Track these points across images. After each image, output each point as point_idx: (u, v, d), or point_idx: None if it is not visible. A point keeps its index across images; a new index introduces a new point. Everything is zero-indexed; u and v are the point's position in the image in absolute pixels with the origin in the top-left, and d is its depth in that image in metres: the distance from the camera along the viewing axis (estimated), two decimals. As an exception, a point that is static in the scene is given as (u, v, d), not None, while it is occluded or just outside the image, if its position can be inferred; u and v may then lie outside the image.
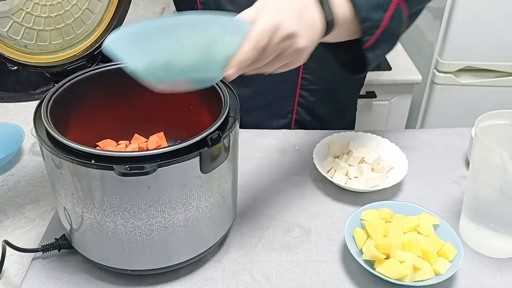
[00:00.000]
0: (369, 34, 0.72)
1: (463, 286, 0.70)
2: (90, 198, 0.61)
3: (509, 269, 0.73)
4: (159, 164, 0.57)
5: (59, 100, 0.68)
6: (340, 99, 1.11)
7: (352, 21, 0.70)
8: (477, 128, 0.72)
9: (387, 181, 0.85)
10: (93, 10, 0.77)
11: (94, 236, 0.65)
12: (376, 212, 0.75)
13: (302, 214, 0.81)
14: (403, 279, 0.66)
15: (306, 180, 0.88)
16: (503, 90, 1.71)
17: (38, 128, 0.63)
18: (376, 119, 1.76)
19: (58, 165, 0.60)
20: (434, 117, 1.79)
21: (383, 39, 0.74)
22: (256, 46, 0.57)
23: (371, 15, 0.71)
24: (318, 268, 0.72)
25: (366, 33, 0.71)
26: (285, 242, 0.76)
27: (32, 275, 0.70)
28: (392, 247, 0.68)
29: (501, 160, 0.67)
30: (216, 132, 0.61)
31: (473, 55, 1.65)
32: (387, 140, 0.92)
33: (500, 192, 0.69)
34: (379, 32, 0.72)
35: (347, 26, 0.70)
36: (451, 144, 0.98)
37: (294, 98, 1.04)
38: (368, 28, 0.71)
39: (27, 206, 0.84)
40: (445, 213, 0.81)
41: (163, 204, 0.61)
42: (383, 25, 0.72)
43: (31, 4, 0.69)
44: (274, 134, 1.00)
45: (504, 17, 1.58)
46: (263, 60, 0.59)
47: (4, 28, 0.68)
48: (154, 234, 0.63)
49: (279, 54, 0.60)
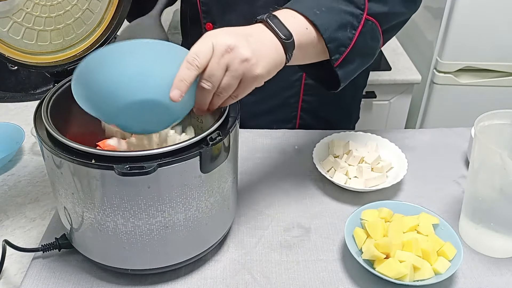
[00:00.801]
0: (337, 53, 0.72)
1: (462, 285, 0.70)
2: (90, 197, 0.61)
3: (508, 269, 0.73)
4: (159, 164, 0.57)
5: (59, 100, 0.69)
6: (345, 100, 1.11)
7: (318, 41, 0.70)
8: (477, 128, 0.72)
9: (387, 180, 0.85)
10: (93, 10, 0.77)
11: (94, 235, 0.65)
12: (375, 211, 0.75)
13: (302, 214, 0.81)
14: (403, 278, 0.66)
15: (306, 180, 0.89)
16: (503, 90, 1.71)
17: (38, 128, 0.63)
18: (376, 119, 1.76)
19: (58, 165, 0.60)
20: (433, 117, 1.79)
21: (354, 55, 0.74)
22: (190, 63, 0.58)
23: (338, 35, 0.71)
24: (318, 268, 0.72)
25: (334, 52, 0.71)
26: (285, 242, 0.76)
27: (32, 274, 0.70)
28: (392, 247, 0.69)
29: (500, 160, 0.67)
30: (216, 132, 0.61)
31: (473, 55, 1.65)
32: (387, 140, 0.92)
33: (500, 192, 0.70)
34: (347, 50, 0.72)
35: (314, 46, 0.70)
36: (451, 144, 0.98)
37: (297, 104, 1.05)
38: (335, 48, 0.71)
39: (28, 205, 0.84)
40: (445, 212, 0.82)
41: (163, 204, 0.61)
42: (351, 43, 0.72)
43: (32, 4, 0.69)
44: (274, 134, 1.00)
45: (504, 17, 1.58)
46: (213, 78, 0.59)
47: (4, 28, 0.68)
48: (154, 234, 0.63)
49: (227, 69, 0.60)
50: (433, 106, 1.77)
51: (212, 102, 0.63)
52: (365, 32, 0.74)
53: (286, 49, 0.65)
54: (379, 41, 0.78)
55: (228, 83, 0.61)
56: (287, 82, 1.02)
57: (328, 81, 0.78)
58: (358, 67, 0.77)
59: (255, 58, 0.61)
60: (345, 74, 0.74)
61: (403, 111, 1.77)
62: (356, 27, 0.73)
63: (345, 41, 0.72)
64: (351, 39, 0.72)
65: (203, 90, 0.60)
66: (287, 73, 1.01)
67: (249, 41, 0.61)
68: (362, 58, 0.76)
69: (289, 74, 1.00)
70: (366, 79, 1.17)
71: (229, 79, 0.60)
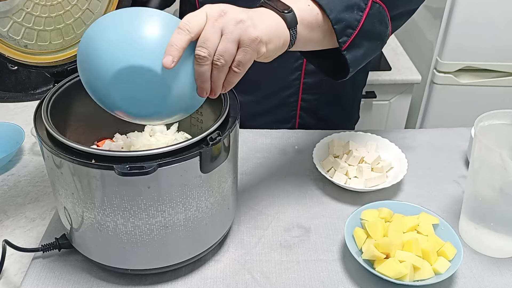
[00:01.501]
0: (344, 35, 0.70)
1: (462, 285, 0.70)
2: (90, 197, 0.61)
3: (508, 269, 0.73)
4: (159, 164, 0.57)
5: (59, 100, 0.69)
6: (344, 99, 1.11)
7: (324, 23, 0.69)
8: (477, 128, 0.72)
9: (387, 180, 0.85)
10: (93, 10, 0.77)
11: (94, 235, 0.65)
12: (375, 211, 0.75)
13: (302, 214, 0.81)
14: (403, 278, 0.66)
15: (306, 180, 0.89)
16: (503, 90, 1.71)
17: (38, 128, 0.63)
18: (376, 119, 1.76)
19: (59, 165, 0.60)
20: (433, 117, 1.79)
21: (362, 39, 0.72)
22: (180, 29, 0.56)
23: (344, 16, 0.69)
24: (318, 268, 0.72)
25: (341, 34, 0.70)
26: (285, 242, 0.76)
27: (32, 274, 0.70)
28: (392, 247, 0.69)
29: (500, 160, 0.67)
30: (216, 132, 0.61)
31: (473, 55, 1.65)
32: (386, 140, 0.92)
33: (500, 191, 0.70)
34: (355, 32, 0.71)
35: (318, 28, 0.69)
36: (451, 144, 0.98)
37: (296, 103, 1.04)
38: (342, 29, 0.70)
39: (27, 205, 0.84)
40: (445, 212, 0.82)
41: (163, 204, 0.61)
42: (359, 25, 0.71)
43: (31, 4, 0.69)
44: (274, 134, 1.00)
45: (504, 17, 1.58)
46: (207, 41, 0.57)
47: (4, 28, 0.68)
48: (154, 234, 0.63)
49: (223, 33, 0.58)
50: (433, 106, 1.77)
51: (213, 77, 0.59)
52: (372, 15, 0.72)
53: (287, 22, 0.63)
54: (387, 26, 0.76)
55: (224, 47, 0.58)
56: (286, 81, 1.02)
57: (336, 70, 0.77)
58: (367, 52, 0.75)
59: (250, 20, 0.59)
60: (354, 58, 0.73)
61: (403, 111, 1.77)
62: (363, 8, 0.71)
63: (352, 22, 0.70)
64: (358, 20, 0.71)
65: (200, 59, 0.57)
66: (286, 72, 1.01)
67: (244, 10, 0.60)
68: (370, 42, 0.75)
69: (288, 73, 1.00)
70: (366, 78, 1.17)
71: (225, 42, 0.58)
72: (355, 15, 0.71)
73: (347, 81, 0.78)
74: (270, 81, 1.02)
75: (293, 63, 0.99)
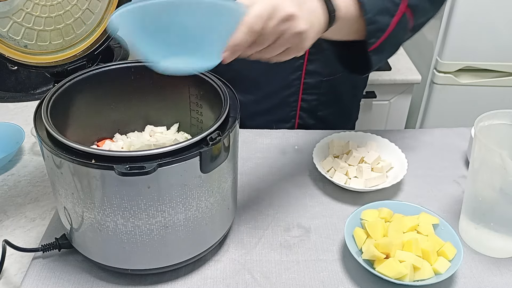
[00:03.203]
0: (374, 37, 0.72)
1: (462, 285, 0.70)
2: (90, 197, 0.61)
3: (508, 269, 0.73)
4: (159, 164, 0.57)
5: (59, 100, 0.69)
6: (344, 100, 1.11)
7: (357, 20, 0.70)
8: (477, 128, 0.72)
9: (387, 180, 0.85)
10: (93, 10, 0.77)
11: (94, 235, 0.65)
12: (375, 211, 0.75)
13: (302, 214, 0.81)
14: (403, 278, 0.66)
15: (306, 180, 0.89)
16: (502, 90, 1.72)
17: (38, 128, 0.63)
18: (376, 119, 1.76)
19: (58, 165, 0.60)
20: (433, 117, 1.79)
21: (387, 43, 0.74)
22: (250, 30, 0.56)
23: (378, 18, 0.71)
24: (318, 268, 0.72)
25: (372, 36, 0.71)
26: (285, 242, 0.76)
27: (32, 274, 0.70)
28: (392, 247, 0.69)
29: (500, 160, 0.67)
30: (216, 132, 0.61)
31: (473, 55, 1.66)
32: (386, 140, 0.92)
33: (500, 191, 0.70)
34: (384, 36, 0.73)
35: (351, 24, 0.70)
36: (451, 144, 0.98)
37: (296, 103, 1.05)
38: (374, 31, 0.71)
39: (27, 205, 0.84)
40: (445, 212, 0.82)
41: (163, 204, 0.61)
42: (389, 30, 0.73)
43: (31, 5, 0.69)
44: (274, 134, 1.00)
45: (504, 17, 1.58)
46: (262, 43, 0.59)
47: (4, 28, 0.68)
48: (154, 234, 0.63)
49: (279, 37, 0.59)
50: (433, 106, 1.77)
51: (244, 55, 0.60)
52: (400, 22, 0.74)
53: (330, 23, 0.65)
54: (406, 35, 0.78)
55: (272, 49, 0.60)
56: (286, 81, 1.02)
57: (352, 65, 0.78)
58: (385, 57, 0.77)
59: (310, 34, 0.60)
60: (377, 60, 0.75)
61: (403, 111, 1.77)
62: (394, 15, 0.73)
63: (383, 26, 0.72)
64: (388, 25, 0.72)
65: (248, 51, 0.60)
66: (287, 71, 1.01)
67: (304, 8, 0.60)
68: (391, 48, 0.77)
69: (288, 73, 1.01)
70: (366, 79, 1.17)
71: (275, 46, 0.59)
72: (387, 19, 0.72)
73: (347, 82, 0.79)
74: (271, 80, 1.03)
75: (293, 63, 0.99)
